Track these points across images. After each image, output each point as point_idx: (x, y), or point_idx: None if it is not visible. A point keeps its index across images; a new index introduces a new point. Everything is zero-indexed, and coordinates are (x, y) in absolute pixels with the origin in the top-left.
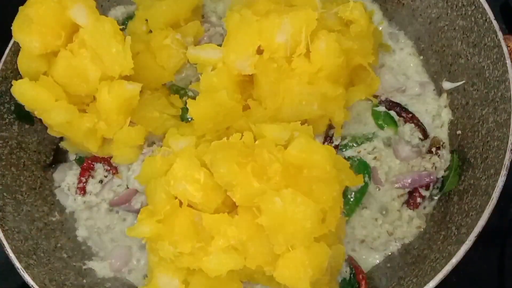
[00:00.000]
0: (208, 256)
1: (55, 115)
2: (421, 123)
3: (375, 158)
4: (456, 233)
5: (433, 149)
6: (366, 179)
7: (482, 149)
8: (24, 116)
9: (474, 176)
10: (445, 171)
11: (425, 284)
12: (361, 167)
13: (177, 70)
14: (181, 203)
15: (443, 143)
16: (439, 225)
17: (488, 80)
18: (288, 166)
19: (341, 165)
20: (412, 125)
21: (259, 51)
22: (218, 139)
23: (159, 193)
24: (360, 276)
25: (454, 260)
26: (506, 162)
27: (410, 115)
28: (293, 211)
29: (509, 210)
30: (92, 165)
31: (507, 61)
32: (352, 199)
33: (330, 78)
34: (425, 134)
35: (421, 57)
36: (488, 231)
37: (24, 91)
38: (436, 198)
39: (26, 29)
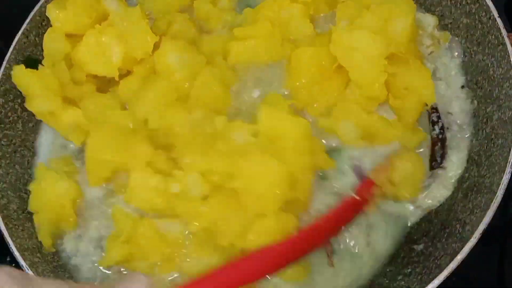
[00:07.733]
0: (185, 262)
1: (37, 103)
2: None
3: None
4: (460, 230)
5: None
6: None
7: (486, 147)
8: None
9: (479, 174)
10: None
11: (430, 282)
12: None
13: None
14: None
15: None
16: (443, 222)
17: (492, 77)
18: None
19: (316, 147)
20: None
21: None
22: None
23: (117, 215)
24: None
25: (459, 257)
26: (511, 159)
27: None
28: (263, 172)
29: (509, 209)
30: None
31: (511, 59)
32: None
33: None
34: None
35: None
36: (488, 231)
37: (20, 75)
38: None
39: (61, 7)
